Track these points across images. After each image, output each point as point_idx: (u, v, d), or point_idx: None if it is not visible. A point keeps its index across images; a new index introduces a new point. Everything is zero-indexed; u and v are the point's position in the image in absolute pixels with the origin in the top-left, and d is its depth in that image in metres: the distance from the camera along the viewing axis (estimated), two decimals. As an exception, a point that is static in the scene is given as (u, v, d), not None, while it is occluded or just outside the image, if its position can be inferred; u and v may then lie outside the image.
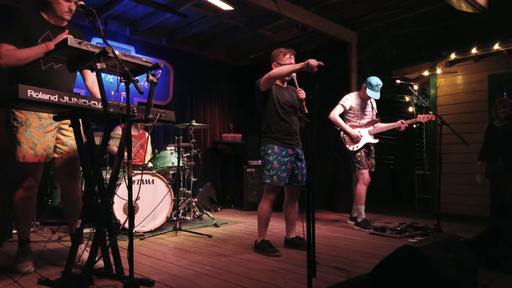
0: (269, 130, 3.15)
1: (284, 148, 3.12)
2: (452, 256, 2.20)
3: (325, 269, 2.58)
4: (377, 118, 4.44)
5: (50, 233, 3.84)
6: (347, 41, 5.81)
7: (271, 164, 3.07)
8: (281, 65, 3.16)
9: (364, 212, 4.25)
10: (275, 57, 3.25)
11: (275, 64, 3.22)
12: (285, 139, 3.14)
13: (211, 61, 6.97)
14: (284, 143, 3.13)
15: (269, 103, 3.15)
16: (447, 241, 2.34)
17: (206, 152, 6.83)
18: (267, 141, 3.14)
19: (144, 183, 3.93)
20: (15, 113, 2.44)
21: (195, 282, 2.29)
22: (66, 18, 2.60)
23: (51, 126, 2.53)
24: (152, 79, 2.33)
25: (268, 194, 3.12)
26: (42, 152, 2.47)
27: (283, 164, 3.08)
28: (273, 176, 3.06)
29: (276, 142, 3.12)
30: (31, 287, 2.20)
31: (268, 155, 3.11)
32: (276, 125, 3.14)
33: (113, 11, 5.44)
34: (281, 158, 3.09)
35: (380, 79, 4.23)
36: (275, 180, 3.06)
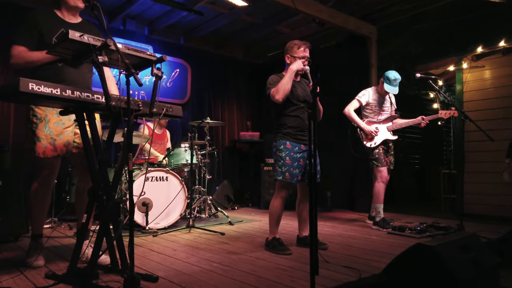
0: (281, 126, 3.08)
1: (297, 143, 3.04)
2: (470, 255, 2.07)
3: (336, 268, 2.48)
4: (396, 114, 4.28)
5: (68, 229, 3.90)
6: (367, 36, 5.65)
7: (283, 160, 2.99)
8: (294, 58, 3.08)
9: (383, 211, 4.10)
10: (289, 50, 3.16)
11: (288, 57, 3.13)
12: (297, 134, 3.06)
13: (229, 59, 6.96)
14: (297, 138, 3.05)
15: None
16: (465, 240, 2.20)
17: (224, 151, 6.81)
18: (279, 137, 3.06)
19: (158, 180, 3.94)
20: (35, 110, 2.47)
21: (200, 279, 2.24)
22: (79, 6, 2.58)
23: (70, 122, 2.54)
24: (157, 72, 2.29)
25: (280, 191, 3.04)
26: (62, 147, 2.49)
27: (295, 160, 3.00)
28: (285, 173, 2.98)
29: (288, 138, 3.04)
30: (38, 280, 2.21)
31: (280, 151, 3.03)
32: (288, 120, 3.06)
33: (130, 11, 5.50)
34: (294, 154, 3.01)
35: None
36: (287, 176, 2.98)
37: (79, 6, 2.59)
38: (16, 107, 4.70)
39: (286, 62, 3.15)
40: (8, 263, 2.59)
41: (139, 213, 3.78)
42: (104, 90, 2.02)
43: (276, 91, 2.94)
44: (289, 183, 3.01)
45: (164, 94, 6.07)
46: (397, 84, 4.07)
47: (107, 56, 2.08)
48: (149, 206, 3.80)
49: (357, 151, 4.30)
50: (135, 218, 3.74)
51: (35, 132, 2.42)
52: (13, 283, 2.17)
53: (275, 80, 3.07)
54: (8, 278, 2.24)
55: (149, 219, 3.76)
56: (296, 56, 3.09)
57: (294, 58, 3.09)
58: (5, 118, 4.63)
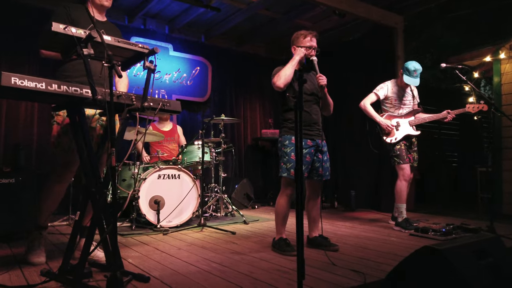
0: (287, 120, 2.92)
1: (303, 139, 2.86)
2: (488, 261, 1.84)
3: (342, 271, 2.30)
4: (419, 108, 4.00)
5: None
6: (392, 27, 5.36)
7: (288, 157, 2.84)
8: (300, 48, 2.92)
9: (407, 211, 3.85)
10: (295, 40, 3.00)
11: (294, 48, 2.97)
12: (303, 129, 2.87)
13: (251, 56, 6.85)
14: (303, 133, 2.87)
15: (287, 91, 2.90)
16: (484, 244, 1.96)
17: (246, 149, 6.72)
18: (284, 132, 2.91)
19: (170, 178, 3.89)
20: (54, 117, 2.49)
21: (193, 279, 2.14)
22: (105, 4, 2.63)
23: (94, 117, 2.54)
24: (149, 65, 2.22)
25: (285, 188, 2.89)
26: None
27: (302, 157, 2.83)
28: (290, 169, 2.82)
29: (293, 133, 2.86)
30: (34, 278, 2.19)
31: (285, 147, 2.88)
32: (293, 115, 2.89)
33: (149, 10, 5.53)
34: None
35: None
36: (292, 173, 2.82)
37: (104, 4, 2.63)
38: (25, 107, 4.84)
39: (292, 54, 2.99)
40: (12, 259, 2.61)
41: (151, 211, 3.75)
42: (90, 84, 1.96)
43: (278, 78, 2.82)
44: (293, 181, 2.84)
45: (184, 92, 6.07)
46: (418, 75, 3.80)
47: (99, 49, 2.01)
48: (161, 204, 3.76)
49: (377, 147, 4.06)
50: (147, 216, 3.72)
51: (52, 127, 2.44)
52: (9, 280, 2.16)
53: (280, 69, 2.93)
54: (6, 274, 2.24)
55: (161, 217, 3.72)
56: (302, 45, 2.93)
57: (300, 47, 2.93)
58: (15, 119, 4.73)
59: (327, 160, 2.97)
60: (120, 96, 2.19)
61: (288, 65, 2.84)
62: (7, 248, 2.96)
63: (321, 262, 2.52)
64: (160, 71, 5.84)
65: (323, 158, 2.93)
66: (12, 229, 3.18)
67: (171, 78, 5.94)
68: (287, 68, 2.82)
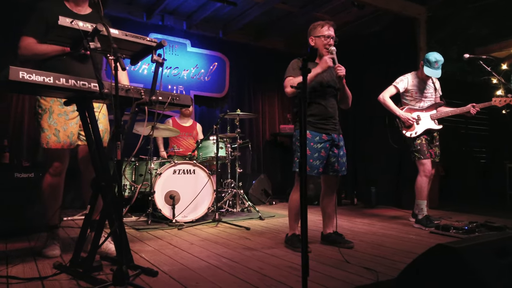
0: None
1: (318, 133, 2.79)
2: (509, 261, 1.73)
3: (354, 269, 2.23)
4: (441, 101, 3.85)
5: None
6: (414, 17, 5.18)
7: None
8: (318, 38, 2.83)
9: (429, 208, 3.72)
10: (312, 31, 2.90)
11: (312, 38, 2.87)
12: (318, 123, 2.81)
13: (269, 51, 6.78)
14: (318, 127, 2.80)
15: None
16: (505, 242, 1.85)
17: (265, 144, 6.67)
18: (298, 126, 2.84)
19: (185, 173, 3.89)
20: (40, 101, 2.51)
21: (201, 275, 2.12)
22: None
23: (74, 113, 2.56)
24: (157, 59, 2.21)
25: (299, 184, 2.82)
26: (65, 138, 2.52)
27: (316, 151, 2.76)
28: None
29: (308, 127, 2.78)
30: (47, 270, 2.22)
31: (299, 141, 2.81)
32: (309, 108, 2.81)
33: (167, 6, 5.55)
34: (314, 144, 2.77)
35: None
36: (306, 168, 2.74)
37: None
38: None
39: (310, 45, 2.90)
40: (29, 252, 2.66)
41: (166, 206, 3.76)
42: (96, 77, 1.97)
43: (288, 87, 2.74)
44: (309, 175, 2.78)
45: (202, 88, 6.07)
46: (439, 66, 3.64)
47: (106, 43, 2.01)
48: (176, 199, 3.76)
49: (397, 142, 3.93)
50: (163, 211, 3.74)
51: (40, 122, 2.46)
52: (22, 271, 2.20)
53: (295, 66, 2.85)
54: (20, 266, 2.29)
55: (176, 212, 3.73)
56: (321, 35, 2.82)
57: (319, 37, 2.83)
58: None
59: (343, 155, 2.89)
60: (129, 90, 2.19)
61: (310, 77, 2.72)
62: (26, 241, 3.02)
63: (334, 259, 2.45)
64: (178, 67, 5.86)
65: (339, 153, 2.85)
66: (31, 223, 3.25)
67: (189, 74, 5.96)
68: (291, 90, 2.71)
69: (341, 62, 2.82)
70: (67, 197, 4.93)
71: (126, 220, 3.97)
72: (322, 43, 2.81)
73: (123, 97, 2.17)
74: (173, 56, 5.84)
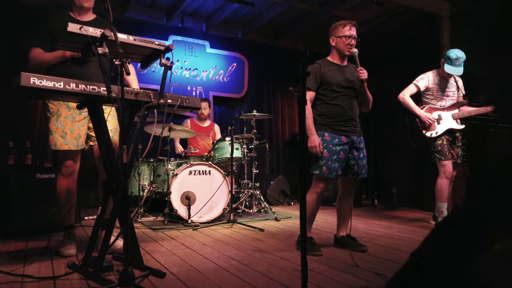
0: (320, 115, 2.78)
1: (337, 135, 2.73)
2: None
3: (364, 273, 2.18)
4: (464, 100, 3.71)
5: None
6: (436, 13, 5.01)
7: (320, 153, 2.70)
8: (339, 38, 2.75)
9: (447, 211, 3.59)
10: (333, 30, 2.81)
11: (333, 38, 2.79)
12: (338, 125, 2.75)
13: (289, 50, 6.74)
14: (336, 129, 2.74)
15: (322, 86, 2.80)
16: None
17: (284, 144, 6.64)
18: (318, 128, 2.76)
19: (201, 174, 3.93)
20: (48, 104, 2.60)
21: (208, 277, 2.13)
22: (85, 5, 2.64)
23: (81, 116, 2.63)
24: (165, 62, 2.23)
25: (316, 185, 2.76)
26: (72, 140, 2.59)
27: (334, 154, 2.69)
28: (323, 167, 2.69)
29: (326, 129, 2.74)
30: (61, 269, 2.29)
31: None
32: (327, 109, 2.76)
33: (187, 8, 5.61)
34: (333, 146, 2.71)
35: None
36: (324, 171, 2.68)
37: (84, 5, 2.64)
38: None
39: (331, 45, 2.84)
40: (48, 251, 2.75)
41: (182, 207, 3.81)
42: (105, 82, 2.01)
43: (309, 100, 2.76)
44: (327, 178, 2.73)
45: (221, 89, 6.10)
46: (461, 63, 3.52)
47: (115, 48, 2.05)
48: (192, 200, 3.80)
49: (417, 142, 3.82)
50: (179, 211, 3.78)
51: (48, 125, 2.55)
52: (38, 270, 2.27)
53: (313, 75, 2.75)
54: (36, 264, 2.37)
55: (192, 212, 3.77)
56: (342, 35, 2.73)
57: (340, 38, 2.74)
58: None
59: (363, 157, 2.83)
60: (138, 94, 2.23)
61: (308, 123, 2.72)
62: (46, 240, 3.12)
63: (344, 263, 2.41)
64: (197, 69, 5.92)
65: (359, 156, 2.78)
66: (52, 223, 3.36)
67: (208, 75, 6.00)
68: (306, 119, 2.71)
69: (361, 61, 2.77)
70: (90, 196, 5.09)
71: (144, 220, 4.04)
72: (343, 44, 2.74)
73: (132, 100, 2.22)
74: (192, 58, 5.90)
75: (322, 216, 4.42)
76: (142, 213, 4.17)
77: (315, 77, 2.75)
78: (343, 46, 2.74)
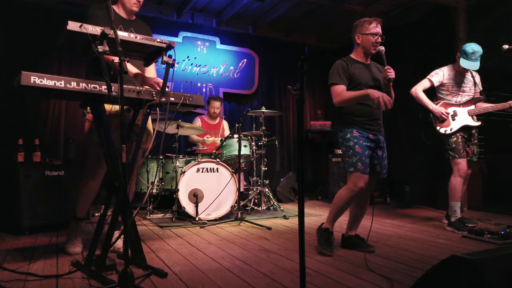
0: (347, 114, 2.69)
1: (365, 132, 2.65)
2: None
3: (368, 275, 2.12)
4: (481, 96, 3.58)
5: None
6: (452, 6, 4.86)
7: (352, 150, 2.61)
8: (366, 36, 2.66)
9: (466, 209, 3.50)
10: (359, 27, 2.71)
11: (359, 36, 2.69)
12: (365, 124, 2.67)
13: (300, 45, 6.65)
14: (365, 128, 2.66)
15: (349, 84, 2.67)
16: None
17: (295, 141, 6.57)
18: (346, 125, 2.69)
19: (208, 172, 3.91)
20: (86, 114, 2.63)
21: (210, 277, 2.11)
22: (134, 10, 2.74)
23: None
24: (167, 60, 2.20)
25: (354, 185, 2.60)
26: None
27: (365, 149, 2.61)
28: (357, 163, 2.58)
29: (355, 126, 2.66)
30: (65, 267, 2.30)
31: (347, 140, 2.66)
32: (355, 108, 2.66)
33: (196, 4, 5.57)
34: (363, 142, 2.62)
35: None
36: (359, 167, 2.57)
37: (134, 10, 2.74)
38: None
39: (356, 42, 2.75)
40: (54, 248, 2.77)
41: (190, 204, 3.80)
42: (105, 80, 1.99)
43: (338, 97, 2.63)
44: (363, 175, 2.59)
45: (231, 85, 6.06)
46: (477, 58, 3.39)
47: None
48: (200, 197, 3.79)
49: (431, 139, 3.71)
50: (187, 209, 3.77)
51: (85, 124, 2.57)
52: (42, 268, 2.29)
53: (340, 70, 2.67)
54: (41, 262, 2.39)
55: (200, 210, 3.75)
56: (368, 33, 2.65)
57: (367, 35, 2.66)
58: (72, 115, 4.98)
59: (385, 157, 2.76)
60: (140, 92, 2.20)
61: (355, 97, 2.58)
62: (54, 237, 3.15)
63: (350, 265, 2.35)
64: (207, 65, 5.89)
65: (382, 155, 2.72)
66: (61, 220, 3.38)
67: (218, 72, 5.97)
68: (352, 100, 2.60)
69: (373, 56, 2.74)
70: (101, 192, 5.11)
71: (153, 217, 4.05)
72: (369, 42, 2.66)
73: (135, 99, 2.20)
74: (202, 54, 5.87)
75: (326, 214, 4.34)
76: (151, 210, 4.18)
77: (343, 73, 2.66)
78: (369, 44, 2.67)
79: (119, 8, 2.74)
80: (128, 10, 2.74)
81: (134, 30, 2.69)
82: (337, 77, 2.65)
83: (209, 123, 5.08)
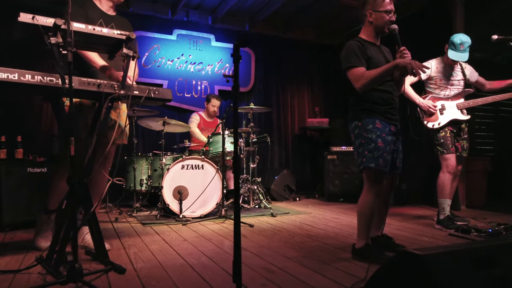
0: (367, 102, 2.36)
1: (388, 124, 2.36)
2: (491, 272, 1.46)
3: (334, 273, 2.04)
4: (471, 89, 3.44)
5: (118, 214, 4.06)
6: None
7: (374, 143, 2.30)
8: (379, 13, 2.35)
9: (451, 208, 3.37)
10: (369, 4, 2.38)
11: (371, 12, 2.37)
12: (388, 113, 2.38)
13: (299, 42, 6.57)
14: (388, 117, 2.37)
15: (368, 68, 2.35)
16: (493, 250, 1.57)
17: (293, 138, 6.48)
18: (366, 114, 2.35)
19: (193, 168, 3.86)
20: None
21: (168, 274, 2.06)
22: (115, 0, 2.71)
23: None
24: (127, 52, 2.15)
25: (373, 183, 2.33)
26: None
27: (388, 144, 2.32)
28: (379, 159, 2.28)
29: (377, 116, 2.34)
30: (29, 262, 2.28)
31: (368, 132, 2.33)
32: (376, 95, 2.36)
33: (191, 1, 5.56)
34: (386, 136, 2.32)
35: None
36: (380, 163, 2.28)
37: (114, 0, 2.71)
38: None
39: (367, 21, 2.42)
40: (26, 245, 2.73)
41: (174, 201, 3.76)
42: (59, 73, 1.96)
43: (363, 79, 2.29)
44: (383, 173, 2.32)
45: (226, 83, 5.99)
46: (466, 49, 3.25)
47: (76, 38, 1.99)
48: (184, 195, 3.75)
49: (418, 134, 3.57)
50: (171, 206, 3.74)
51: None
52: (7, 263, 2.28)
53: (357, 51, 2.34)
54: (7, 258, 2.38)
55: (184, 207, 3.71)
56: (383, 10, 2.33)
57: (380, 13, 2.34)
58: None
59: (401, 150, 2.49)
60: (100, 85, 2.17)
61: (381, 73, 2.27)
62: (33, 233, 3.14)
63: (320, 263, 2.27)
64: (202, 62, 5.86)
65: (399, 148, 2.43)
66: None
67: (213, 69, 5.93)
68: (379, 78, 2.28)
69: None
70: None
71: (139, 214, 4.03)
72: (383, 20, 2.36)
73: (94, 92, 2.17)
74: (197, 52, 5.84)
75: (320, 212, 4.25)
76: (138, 208, 4.16)
77: (361, 54, 2.35)
78: (383, 22, 2.37)
79: (100, 2, 2.69)
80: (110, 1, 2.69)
81: (115, 25, 2.67)
82: (355, 58, 2.33)
83: (206, 121, 5.05)
